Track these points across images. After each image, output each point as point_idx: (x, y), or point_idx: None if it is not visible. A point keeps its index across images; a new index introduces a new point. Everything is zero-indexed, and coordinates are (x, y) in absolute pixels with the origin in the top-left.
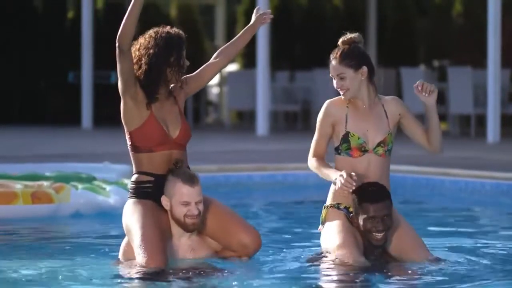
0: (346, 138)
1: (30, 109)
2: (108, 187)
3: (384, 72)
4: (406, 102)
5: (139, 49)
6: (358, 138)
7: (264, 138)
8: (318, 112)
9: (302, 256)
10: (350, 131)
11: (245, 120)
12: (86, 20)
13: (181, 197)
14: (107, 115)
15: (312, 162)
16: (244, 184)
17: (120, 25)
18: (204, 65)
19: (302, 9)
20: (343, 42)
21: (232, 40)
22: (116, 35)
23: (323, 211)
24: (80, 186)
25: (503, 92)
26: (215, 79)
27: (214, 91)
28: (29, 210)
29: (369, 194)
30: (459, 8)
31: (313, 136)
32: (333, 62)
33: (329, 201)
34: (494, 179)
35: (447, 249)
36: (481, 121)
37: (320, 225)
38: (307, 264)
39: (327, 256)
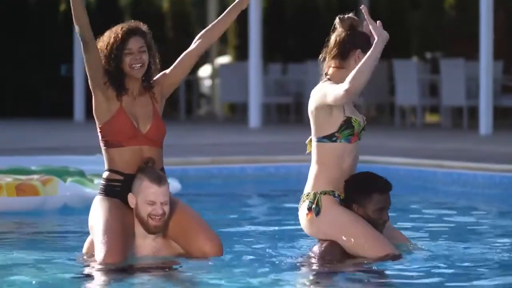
0: (348, 123)
1: (24, 103)
2: (96, 180)
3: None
4: (399, 94)
5: (105, 45)
6: (359, 123)
7: (257, 131)
8: None
9: (295, 249)
10: (352, 116)
11: (237, 112)
12: None
13: (147, 196)
14: None
15: (358, 70)
16: (237, 176)
17: (113, 18)
18: (183, 54)
19: (295, 1)
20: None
21: (215, 22)
22: (109, 28)
23: (316, 197)
24: (69, 179)
25: (496, 84)
26: (207, 71)
27: (207, 83)
28: (14, 203)
29: (380, 185)
30: (451, 0)
31: (306, 129)
32: None
33: (320, 187)
34: (487, 171)
35: (439, 240)
36: (474, 113)
37: (309, 211)
38: (302, 257)
39: (327, 247)
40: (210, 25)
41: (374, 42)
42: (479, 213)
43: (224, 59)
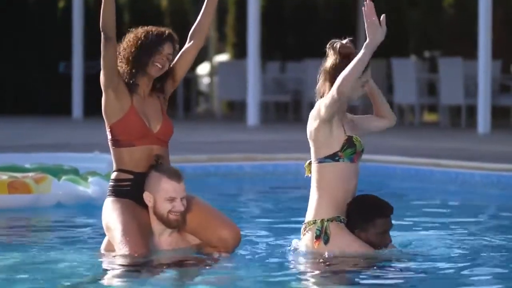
0: (350, 142)
1: (23, 100)
2: (90, 178)
3: (374, 63)
4: (397, 93)
5: (136, 41)
6: (360, 142)
7: (255, 129)
8: (309, 103)
9: (293, 246)
10: (352, 135)
11: (235, 110)
12: (77, 10)
13: (166, 193)
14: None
15: (346, 72)
16: (235, 174)
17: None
18: (181, 51)
19: None
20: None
21: (200, 15)
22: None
23: (324, 225)
24: (63, 177)
25: (494, 83)
26: (206, 69)
27: (205, 81)
28: (6, 200)
29: (383, 209)
30: None
31: (304, 128)
32: None
33: (325, 214)
34: (484, 170)
35: (436, 240)
36: (472, 112)
37: (317, 240)
38: (301, 255)
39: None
40: (196, 21)
41: (365, 43)
42: (477, 213)
43: (222, 57)
